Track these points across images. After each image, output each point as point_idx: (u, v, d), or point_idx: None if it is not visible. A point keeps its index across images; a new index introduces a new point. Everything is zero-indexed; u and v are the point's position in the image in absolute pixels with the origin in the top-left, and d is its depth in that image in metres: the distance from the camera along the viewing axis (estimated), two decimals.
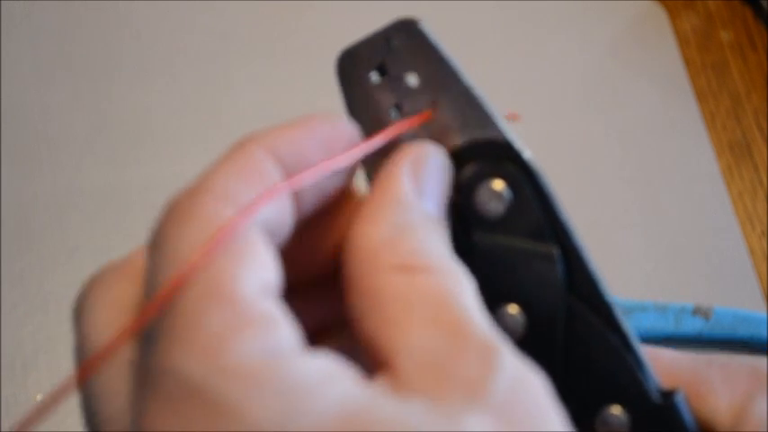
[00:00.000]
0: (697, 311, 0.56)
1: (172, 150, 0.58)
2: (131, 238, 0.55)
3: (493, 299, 0.25)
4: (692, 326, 0.56)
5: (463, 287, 0.23)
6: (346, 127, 0.25)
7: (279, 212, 0.23)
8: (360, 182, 0.27)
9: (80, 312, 0.24)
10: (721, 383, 0.27)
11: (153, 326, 0.21)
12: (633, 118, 0.65)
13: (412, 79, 0.26)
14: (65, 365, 0.51)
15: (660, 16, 0.69)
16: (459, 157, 0.26)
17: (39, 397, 0.50)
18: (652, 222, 0.61)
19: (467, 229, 0.26)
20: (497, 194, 0.25)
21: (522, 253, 0.25)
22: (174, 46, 0.62)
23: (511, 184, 0.25)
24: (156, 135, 0.59)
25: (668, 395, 0.25)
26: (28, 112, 0.58)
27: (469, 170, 0.26)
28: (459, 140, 0.26)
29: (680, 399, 0.25)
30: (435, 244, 0.23)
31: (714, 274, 0.60)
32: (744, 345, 0.55)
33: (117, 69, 0.61)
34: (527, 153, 0.26)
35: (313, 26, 0.64)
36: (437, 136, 0.26)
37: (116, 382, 0.22)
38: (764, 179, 0.64)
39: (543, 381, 0.21)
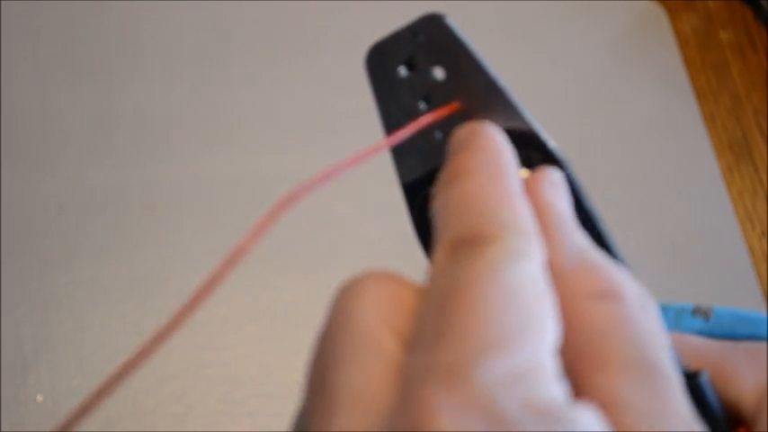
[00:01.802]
0: (697, 311, 0.56)
1: (172, 150, 0.58)
2: (131, 238, 0.55)
3: None
4: (692, 326, 0.56)
5: (655, 313, 0.22)
6: None
7: None
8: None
9: (348, 297, 0.22)
10: (746, 366, 0.27)
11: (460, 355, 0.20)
12: (633, 118, 0.65)
13: (439, 72, 0.27)
14: (65, 365, 0.51)
15: (660, 16, 0.70)
16: None
17: (39, 397, 0.50)
18: (652, 222, 0.61)
19: None
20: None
21: None
22: (175, 46, 0.62)
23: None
24: (156, 135, 0.59)
25: (693, 376, 0.26)
26: (28, 112, 0.58)
27: None
28: None
29: (704, 379, 0.25)
30: (614, 266, 0.23)
31: (714, 274, 0.60)
32: None
33: (117, 69, 0.61)
34: (552, 143, 0.26)
35: (313, 27, 0.64)
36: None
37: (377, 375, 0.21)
38: (764, 179, 0.64)
39: None
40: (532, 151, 0.26)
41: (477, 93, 0.26)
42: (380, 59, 0.27)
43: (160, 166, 0.58)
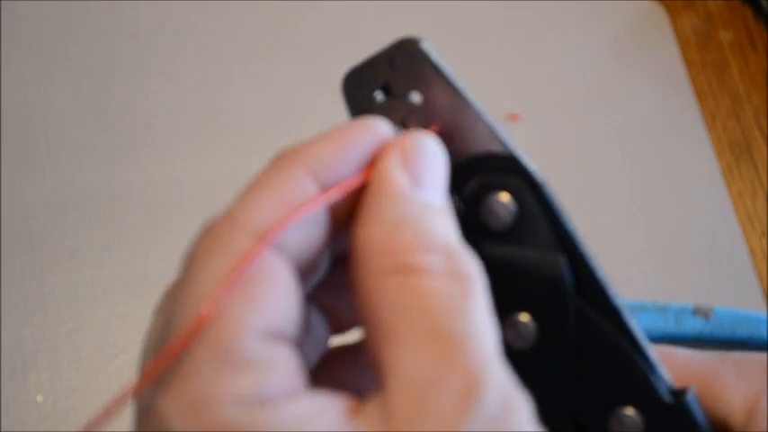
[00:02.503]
0: (697, 311, 0.56)
1: (172, 150, 0.58)
2: (131, 238, 0.55)
3: (504, 307, 0.26)
4: (692, 326, 0.56)
5: (467, 285, 0.22)
6: (382, 130, 0.24)
7: (307, 234, 0.23)
8: None
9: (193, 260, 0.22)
10: (735, 379, 0.27)
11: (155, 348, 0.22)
12: (633, 118, 0.65)
13: (416, 97, 0.27)
14: (65, 365, 0.51)
15: (660, 16, 0.69)
16: (465, 171, 0.26)
17: (39, 397, 0.50)
18: (652, 222, 0.61)
19: (474, 240, 0.26)
20: (503, 207, 0.26)
21: (531, 263, 0.26)
22: (174, 46, 0.62)
23: (516, 196, 0.26)
24: (156, 135, 0.59)
25: (680, 394, 0.26)
26: (28, 112, 0.58)
27: (475, 183, 0.26)
28: (464, 154, 0.27)
29: (691, 397, 0.25)
30: (437, 236, 0.22)
31: (714, 274, 0.60)
32: (743, 345, 0.55)
33: (117, 69, 0.61)
34: (531, 166, 0.26)
35: (313, 26, 0.64)
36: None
37: None
38: (764, 179, 0.64)
39: (526, 408, 0.21)
40: (512, 174, 0.26)
41: (454, 117, 0.27)
42: (356, 85, 0.28)
43: (160, 166, 0.58)
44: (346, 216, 0.24)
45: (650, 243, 0.61)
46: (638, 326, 0.26)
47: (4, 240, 0.54)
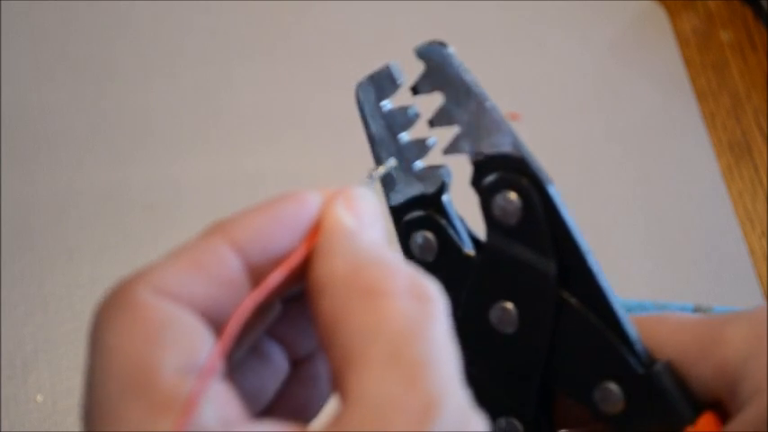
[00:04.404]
0: (697, 311, 0.56)
1: (172, 150, 0.58)
2: (131, 238, 0.55)
3: (493, 294, 0.30)
4: None
5: (430, 306, 0.23)
6: (311, 202, 0.25)
7: (218, 293, 0.23)
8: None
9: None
10: (737, 325, 0.29)
11: (84, 410, 0.22)
12: (633, 118, 0.65)
13: (439, 98, 0.30)
14: (65, 365, 0.51)
15: (660, 16, 0.70)
16: (481, 168, 0.29)
17: (39, 397, 0.50)
18: (652, 222, 0.61)
19: (487, 228, 0.30)
20: (511, 204, 0.29)
21: (525, 264, 0.29)
22: (174, 46, 0.62)
23: (523, 196, 0.29)
24: (156, 135, 0.59)
25: (648, 366, 0.28)
26: (28, 112, 0.58)
27: (489, 180, 0.29)
28: (481, 153, 0.29)
29: (659, 368, 0.28)
30: (397, 263, 0.24)
31: (714, 274, 0.60)
32: None
33: (117, 69, 0.61)
34: (539, 167, 0.29)
35: (313, 26, 0.64)
36: (457, 149, 0.30)
37: None
38: (764, 179, 0.64)
39: (482, 427, 0.22)
40: (521, 175, 0.29)
41: (473, 119, 0.29)
42: (368, 92, 0.30)
43: (160, 166, 0.58)
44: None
45: (650, 243, 0.61)
46: (623, 312, 0.29)
47: (4, 240, 0.54)
